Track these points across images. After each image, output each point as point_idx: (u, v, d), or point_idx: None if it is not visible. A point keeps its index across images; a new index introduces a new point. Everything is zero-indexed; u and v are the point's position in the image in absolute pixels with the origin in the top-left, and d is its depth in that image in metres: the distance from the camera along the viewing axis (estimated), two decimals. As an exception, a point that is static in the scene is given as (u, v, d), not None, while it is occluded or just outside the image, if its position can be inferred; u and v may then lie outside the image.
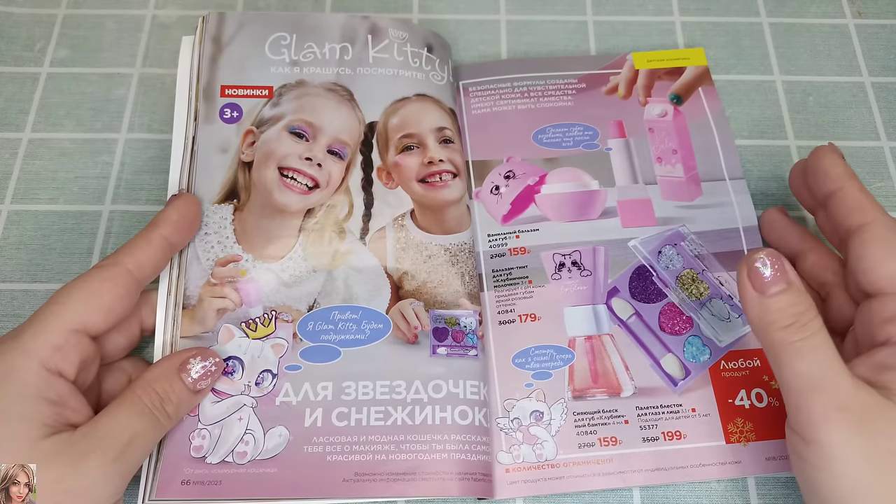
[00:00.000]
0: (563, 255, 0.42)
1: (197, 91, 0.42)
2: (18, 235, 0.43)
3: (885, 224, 0.34)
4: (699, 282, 0.40)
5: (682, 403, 0.38)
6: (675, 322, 0.40)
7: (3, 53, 0.49)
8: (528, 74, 0.48)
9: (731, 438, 0.37)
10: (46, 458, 0.29)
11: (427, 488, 0.35)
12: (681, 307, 0.40)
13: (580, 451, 0.37)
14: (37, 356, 0.31)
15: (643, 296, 0.41)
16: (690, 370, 0.39)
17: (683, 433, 0.37)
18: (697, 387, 0.38)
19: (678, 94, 0.46)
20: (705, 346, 0.39)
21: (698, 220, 0.43)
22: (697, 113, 0.46)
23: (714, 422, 0.38)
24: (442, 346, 0.38)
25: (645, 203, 0.43)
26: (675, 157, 0.45)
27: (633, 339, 0.40)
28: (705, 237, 0.42)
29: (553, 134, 0.45)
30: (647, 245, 0.41)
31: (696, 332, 0.40)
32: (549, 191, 0.44)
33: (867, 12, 0.52)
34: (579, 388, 0.39)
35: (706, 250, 0.41)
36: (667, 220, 0.43)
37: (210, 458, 0.35)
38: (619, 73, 0.47)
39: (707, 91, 0.47)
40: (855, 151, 0.47)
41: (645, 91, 0.47)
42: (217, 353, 0.35)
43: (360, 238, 0.40)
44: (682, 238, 0.42)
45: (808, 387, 0.30)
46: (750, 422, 0.38)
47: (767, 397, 0.38)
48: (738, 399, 0.38)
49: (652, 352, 0.39)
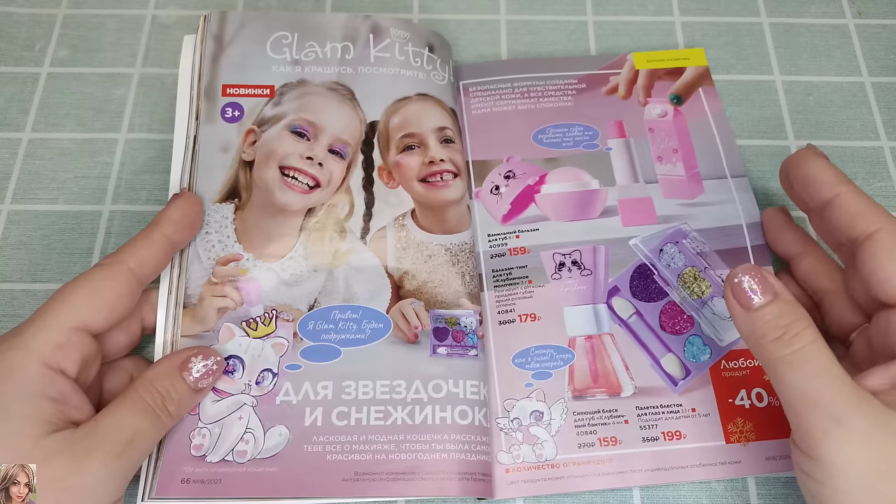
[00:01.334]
0: (563, 255, 0.41)
1: (198, 90, 0.42)
2: (18, 235, 0.43)
3: (894, 230, 0.33)
4: (701, 280, 0.40)
5: (682, 403, 0.38)
6: (676, 321, 0.40)
7: (3, 53, 0.49)
8: (528, 75, 0.48)
9: (731, 438, 0.37)
10: (48, 456, 0.29)
11: (427, 488, 0.35)
12: (682, 306, 0.40)
13: (580, 451, 0.37)
14: (38, 354, 0.31)
15: (644, 295, 0.41)
16: (691, 370, 0.39)
17: (683, 433, 0.37)
18: (697, 387, 0.38)
19: (678, 95, 0.46)
20: (706, 346, 0.39)
21: (700, 218, 0.42)
22: (698, 113, 0.46)
23: (714, 422, 0.38)
24: (442, 346, 0.38)
25: (646, 202, 0.43)
26: (675, 155, 0.45)
27: (633, 338, 0.40)
28: (708, 234, 0.42)
29: (553, 134, 0.45)
30: (648, 243, 0.41)
31: (697, 332, 0.40)
32: (549, 190, 0.44)
33: (867, 12, 0.52)
34: (579, 387, 0.39)
35: (709, 247, 0.41)
36: (668, 219, 0.42)
37: (210, 456, 0.35)
38: (619, 73, 0.47)
39: (707, 91, 0.47)
40: (855, 151, 0.47)
41: (645, 91, 0.47)
42: (218, 352, 0.35)
43: (361, 237, 0.40)
44: (684, 236, 0.41)
45: (804, 401, 0.29)
46: (750, 422, 0.37)
47: (768, 397, 0.38)
48: (739, 399, 0.38)
49: (652, 351, 0.39)
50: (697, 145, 0.45)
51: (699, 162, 0.44)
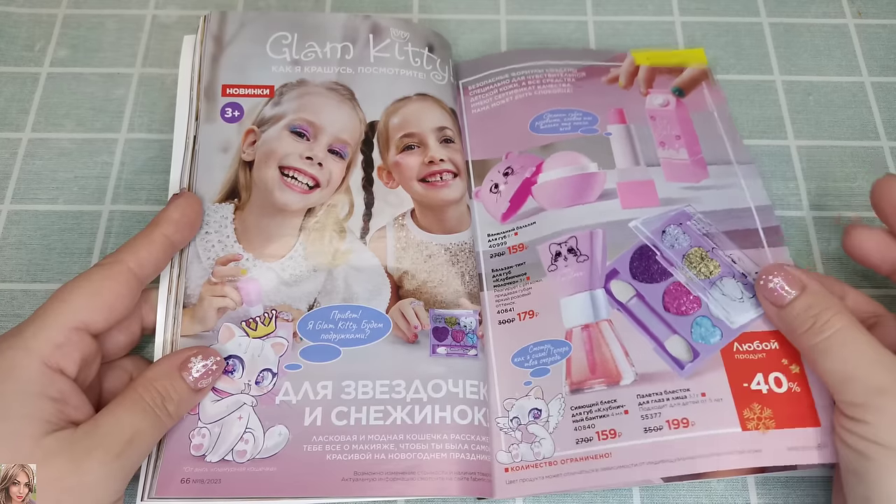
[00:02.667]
0: (558, 245, 0.40)
1: (198, 90, 0.42)
2: (18, 235, 0.43)
3: None
4: (709, 260, 0.38)
5: (690, 388, 0.35)
6: (682, 302, 0.38)
7: (3, 53, 0.49)
8: (526, 63, 0.47)
9: (749, 425, 0.34)
10: (48, 456, 0.29)
11: (426, 488, 0.35)
12: (688, 286, 0.38)
13: (577, 447, 0.36)
14: (38, 354, 0.31)
15: (645, 276, 0.39)
16: (699, 352, 0.36)
17: (692, 420, 0.35)
18: (707, 370, 0.36)
19: (680, 88, 0.46)
20: (715, 328, 0.37)
21: (706, 201, 0.40)
22: (700, 105, 0.45)
23: (728, 407, 0.35)
24: (442, 346, 0.38)
25: (647, 184, 0.42)
26: (678, 142, 0.43)
27: (633, 322, 0.38)
28: (714, 216, 0.40)
29: (551, 119, 0.44)
30: (649, 225, 0.40)
31: (706, 313, 0.37)
32: (545, 178, 0.43)
33: (867, 12, 0.52)
34: (577, 380, 0.37)
35: (715, 229, 0.39)
36: (671, 202, 0.41)
37: (210, 456, 0.35)
38: (620, 65, 0.47)
39: (710, 86, 0.46)
40: (855, 151, 0.47)
41: (646, 83, 0.46)
42: (218, 352, 0.35)
43: (361, 237, 0.40)
44: (689, 218, 0.39)
45: (843, 379, 0.31)
46: (769, 408, 0.35)
47: (787, 382, 0.35)
48: (755, 383, 0.35)
49: (655, 334, 0.37)
50: (701, 135, 0.44)
51: (703, 150, 0.43)
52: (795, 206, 0.45)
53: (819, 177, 0.46)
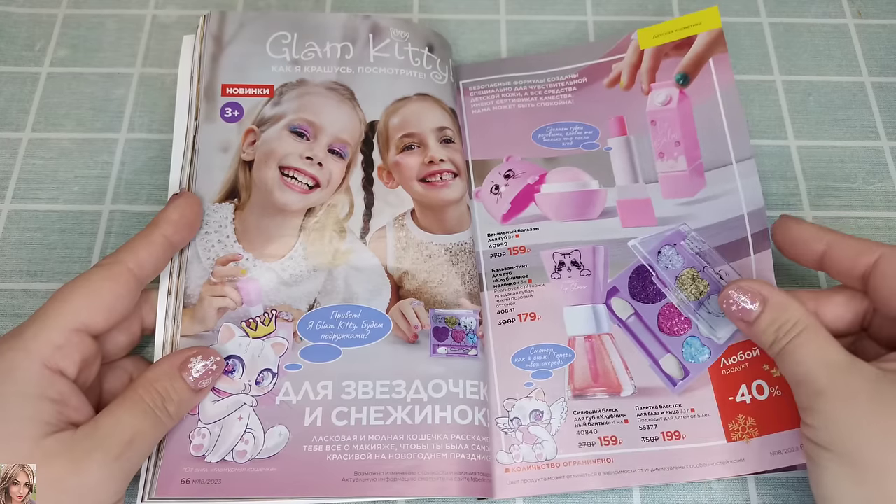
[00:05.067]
0: (562, 255, 0.41)
1: (198, 90, 0.42)
2: (18, 235, 0.43)
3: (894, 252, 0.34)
4: (699, 280, 0.40)
5: (681, 404, 0.38)
6: (674, 323, 0.40)
7: (3, 53, 0.49)
8: (528, 73, 0.47)
9: (734, 437, 0.37)
10: (48, 457, 0.29)
11: (427, 488, 0.35)
12: (679, 308, 0.40)
13: (580, 450, 0.37)
14: (38, 355, 0.31)
15: (642, 296, 0.41)
16: (689, 370, 0.39)
17: (683, 433, 0.37)
18: (697, 387, 0.38)
19: (685, 73, 0.44)
20: (704, 347, 0.39)
21: (700, 216, 0.42)
22: (705, 90, 0.44)
23: (714, 421, 0.37)
24: (442, 346, 0.38)
25: (645, 203, 0.43)
26: (677, 149, 0.44)
27: (632, 338, 0.40)
28: (707, 231, 0.41)
29: (553, 133, 0.45)
30: (646, 245, 0.41)
31: (695, 333, 0.39)
32: (548, 190, 0.44)
33: (867, 12, 0.52)
34: (579, 387, 0.39)
35: (708, 246, 0.41)
36: (667, 220, 0.42)
37: (210, 456, 0.35)
38: (622, 58, 0.46)
39: (718, 61, 0.44)
40: (855, 151, 0.47)
41: (649, 75, 0.45)
42: (218, 353, 0.35)
43: (361, 237, 0.40)
44: (683, 237, 0.41)
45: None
46: (752, 417, 0.37)
47: (769, 388, 0.38)
48: (739, 395, 0.38)
49: (651, 352, 0.39)
50: (702, 132, 0.43)
51: (703, 149, 0.43)
52: (795, 206, 0.45)
53: (819, 177, 0.46)
